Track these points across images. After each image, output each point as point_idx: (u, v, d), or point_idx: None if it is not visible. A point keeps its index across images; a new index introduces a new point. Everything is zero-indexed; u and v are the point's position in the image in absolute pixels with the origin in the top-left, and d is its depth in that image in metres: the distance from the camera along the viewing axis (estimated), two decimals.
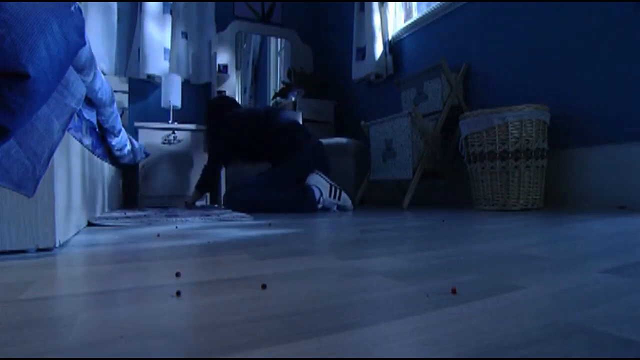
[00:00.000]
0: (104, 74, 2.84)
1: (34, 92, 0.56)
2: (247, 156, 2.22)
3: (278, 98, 3.42)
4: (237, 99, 3.34)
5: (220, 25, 3.33)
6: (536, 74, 1.77)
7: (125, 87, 2.91)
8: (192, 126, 2.90)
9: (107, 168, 1.80)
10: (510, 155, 1.53)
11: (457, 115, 2.13)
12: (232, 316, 0.35)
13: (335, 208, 1.96)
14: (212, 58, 3.19)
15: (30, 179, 0.68)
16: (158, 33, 3.01)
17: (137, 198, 2.85)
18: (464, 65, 2.10)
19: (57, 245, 0.74)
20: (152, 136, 2.79)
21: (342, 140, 2.66)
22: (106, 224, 1.24)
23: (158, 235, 0.98)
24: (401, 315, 0.34)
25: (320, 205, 1.89)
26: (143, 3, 2.97)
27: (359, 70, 2.81)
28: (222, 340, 0.29)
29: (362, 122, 2.36)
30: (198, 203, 2.89)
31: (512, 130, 1.53)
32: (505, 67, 1.92)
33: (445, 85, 2.07)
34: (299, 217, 1.49)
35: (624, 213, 1.25)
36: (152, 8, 3.00)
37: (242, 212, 1.90)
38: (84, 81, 0.89)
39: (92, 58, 0.88)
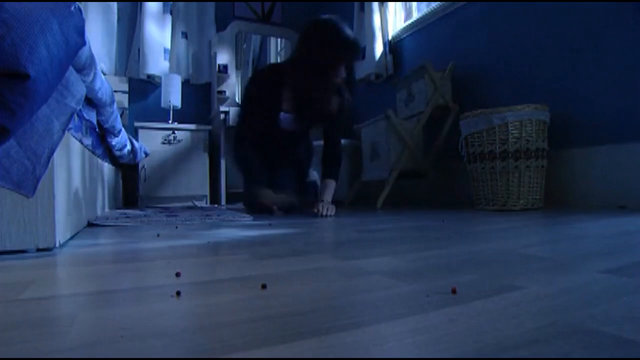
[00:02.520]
0: (104, 74, 2.83)
1: (34, 92, 0.56)
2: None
3: None
4: (237, 99, 3.34)
5: (220, 25, 3.33)
6: (536, 74, 1.77)
7: (125, 87, 2.91)
8: (192, 126, 2.90)
9: (107, 168, 1.80)
10: (510, 155, 1.53)
11: (445, 115, 2.14)
12: (232, 316, 0.35)
13: None
14: (212, 58, 3.19)
15: (30, 179, 0.68)
16: (158, 33, 3.01)
17: (137, 198, 2.85)
18: (450, 64, 2.10)
19: (57, 245, 0.74)
20: (152, 136, 2.79)
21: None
22: (106, 224, 1.24)
23: (158, 235, 0.98)
24: (401, 315, 0.34)
25: None
26: (143, 3, 2.97)
27: (359, 70, 2.81)
28: (222, 340, 0.29)
29: (354, 126, 2.44)
30: (198, 203, 2.88)
31: (512, 130, 1.53)
32: (505, 67, 1.92)
33: (429, 86, 2.09)
34: (298, 217, 1.49)
35: (624, 213, 1.25)
36: (152, 8, 3.00)
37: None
38: (84, 81, 0.89)
39: (92, 58, 0.88)
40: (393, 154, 2.06)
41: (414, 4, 2.67)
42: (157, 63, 2.99)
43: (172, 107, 2.95)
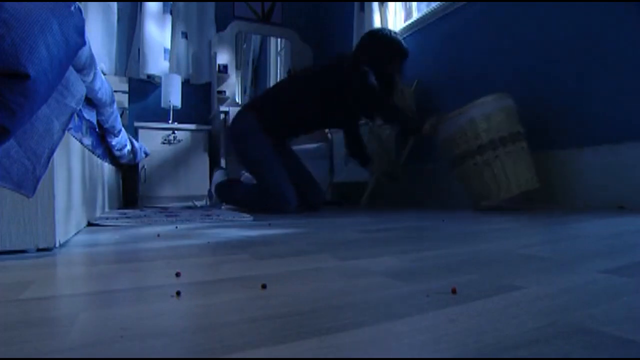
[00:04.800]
0: (104, 74, 2.83)
1: (34, 92, 0.56)
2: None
3: None
4: (237, 99, 3.34)
5: (220, 25, 3.33)
6: (536, 73, 1.77)
7: (125, 87, 2.91)
8: (192, 126, 2.90)
9: (107, 168, 1.80)
10: (486, 147, 1.54)
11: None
12: (232, 316, 0.35)
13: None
14: (212, 58, 3.19)
15: (30, 179, 0.68)
16: (158, 33, 3.01)
17: (137, 198, 2.84)
18: (415, 81, 2.32)
19: (57, 245, 0.74)
20: (152, 136, 2.79)
21: (312, 145, 2.80)
22: (106, 224, 1.24)
23: (158, 235, 0.98)
24: (401, 315, 0.34)
25: None
26: (143, 3, 2.97)
27: None
28: (222, 340, 0.29)
29: (326, 130, 2.65)
30: (198, 203, 2.88)
31: (480, 124, 1.54)
32: (505, 67, 1.92)
33: (399, 99, 2.21)
34: (298, 217, 1.49)
35: (623, 213, 1.25)
36: (152, 8, 2.99)
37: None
38: (84, 81, 0.89)
39: (92, 58, 0.88)
40: (374, 157, 2.22)
41: (414, 4, 2.67)
42: (157, 63, 2.99)
43: (172, 107, 2.95)
